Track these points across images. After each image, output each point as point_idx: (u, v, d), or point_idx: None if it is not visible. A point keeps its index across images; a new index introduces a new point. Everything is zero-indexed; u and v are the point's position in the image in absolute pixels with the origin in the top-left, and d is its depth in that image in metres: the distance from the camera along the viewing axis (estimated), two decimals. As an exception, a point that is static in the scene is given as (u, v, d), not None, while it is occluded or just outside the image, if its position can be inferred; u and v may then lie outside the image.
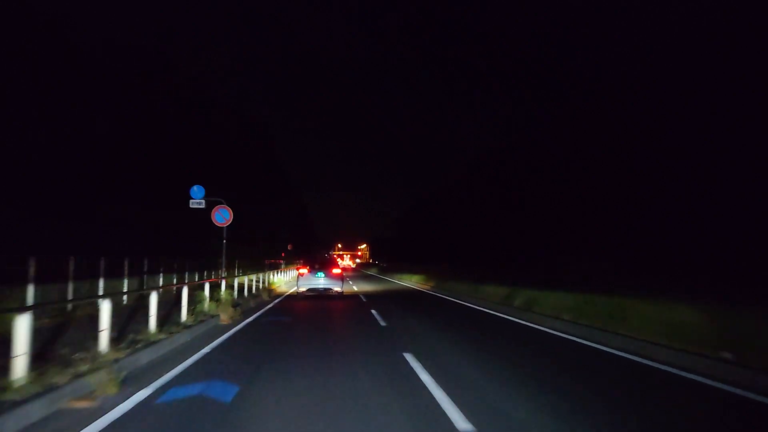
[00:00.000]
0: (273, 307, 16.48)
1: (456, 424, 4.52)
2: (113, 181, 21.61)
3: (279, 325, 11.89)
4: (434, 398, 5.39)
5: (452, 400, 5.28)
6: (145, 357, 7.31)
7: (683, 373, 6.79)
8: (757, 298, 10.31)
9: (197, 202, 15.74)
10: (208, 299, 12.51)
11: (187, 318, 10.54)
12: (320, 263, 22.32)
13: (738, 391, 5.88)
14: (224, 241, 16.24)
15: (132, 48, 25.24)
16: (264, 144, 52.59)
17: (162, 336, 8.58)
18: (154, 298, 9.04)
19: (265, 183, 49.36)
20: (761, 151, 20.26)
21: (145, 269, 16.15)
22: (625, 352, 8.25)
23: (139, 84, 25.17)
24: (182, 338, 9.15)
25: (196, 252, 24.34)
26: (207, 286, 13.06)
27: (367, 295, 22.70)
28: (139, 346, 7.64)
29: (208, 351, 8.27)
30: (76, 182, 18.85)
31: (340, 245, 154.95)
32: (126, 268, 14.41)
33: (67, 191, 17.97)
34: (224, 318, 11.90)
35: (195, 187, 15.81)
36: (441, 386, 5.83)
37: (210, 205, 15.96)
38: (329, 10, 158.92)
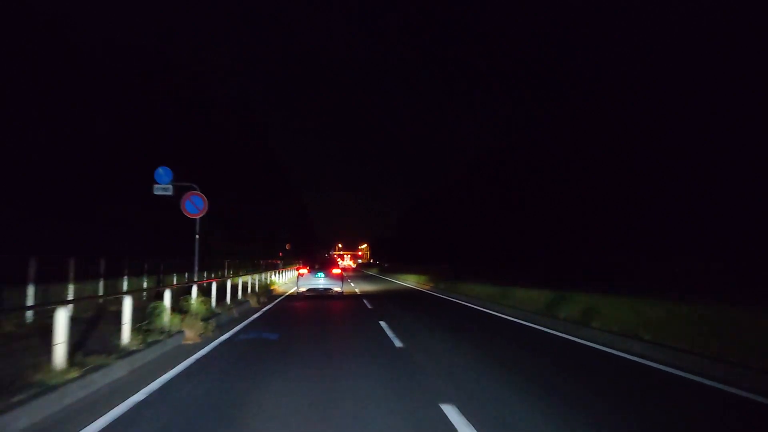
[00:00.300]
0: (260, 316, 13.95)
1: None
2: (113, 181, 21.60)
3: (260, 348, 9.05)
4: None
5: None
6: (20, 421, 4.43)
7: None
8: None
9: (163, 187, 12.96)
10: (169, 310, 9.59)
11: (132, 339, 7.78)
12: (320, 263, 22.46)
13: None
14: (197, 236, 13.48)
15: (132, 48, 25.21)
16: (264, 144, 52.57)
17: (72, 375, 5.63)
18: (61, 316, 5.85)
19: (265, 183, 49.33)
20: (761, 151, 20.24)
21: (102, 271, 13.53)
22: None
23: (139, 84, 25.14)
24: (109, 375, 6.23)
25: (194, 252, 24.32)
26: (168, 294, 9.93)
27: (371, 299, 21.35)
28: (18, 399, 4.63)
29: (141, 400, 5.51)
30: (75, 182, 18.84)
31: (340, 245, 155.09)
32: (72, 271, 11.72)
33: (65, 191, 17.96)
34: (190, 335, 9.41)
35: (160, 169, 12.99)
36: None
37: (180, 192, 13.28)
38: (329, 10, 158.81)
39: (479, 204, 49.81)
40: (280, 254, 51.66)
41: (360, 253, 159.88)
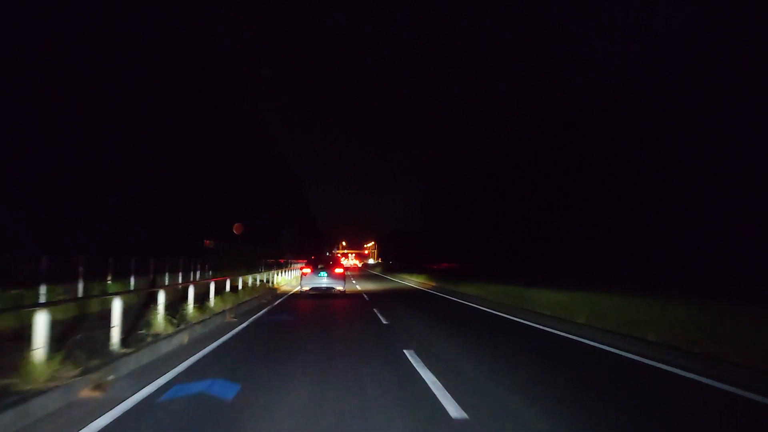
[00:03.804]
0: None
1: None
2: (116, 182, 21.78)
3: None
4: None
5: None
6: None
7: None
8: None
9: None
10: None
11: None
12: (323, 263, 22.88)
13: None
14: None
15: (133, 48, 25.29)
16: (267, 143, 52.70)
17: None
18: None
19: (268, 184, 49.47)
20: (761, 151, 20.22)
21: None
22: None
23: (144, 86, 25.26)
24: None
25: (194, 252, 24.47)
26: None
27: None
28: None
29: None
30: (76, 181, 19.01)
31: (344, 243, 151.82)
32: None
33: (66, 191, 18.13)
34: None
35: None
36: None
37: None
38: (334, 4, 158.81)
39: (485, 205, 49.91)
40: (206, 243, 29.05)
41: (366, 251, 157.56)
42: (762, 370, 6.86)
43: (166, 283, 17.73)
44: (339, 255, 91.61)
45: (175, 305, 11.08)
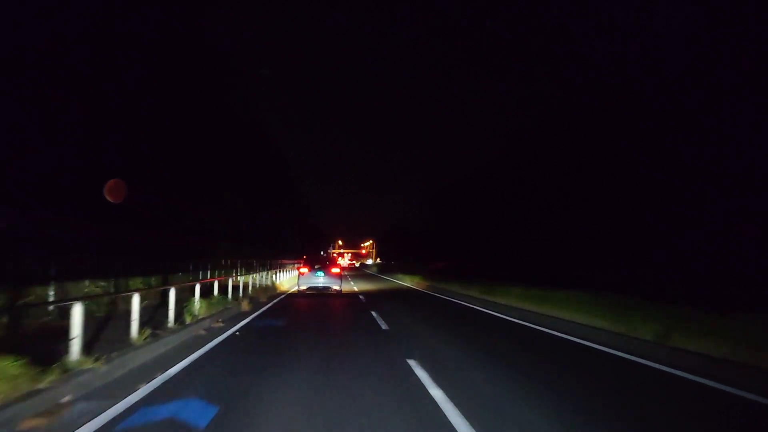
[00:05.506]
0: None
1: None
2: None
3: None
4: None
5: None
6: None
7: None
8: None
9: None
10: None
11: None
12: (320, 263, 23.67)
13: None
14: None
15: (135, 47, 25.27)
16: (267, 143, 52.66)
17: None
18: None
19: (267, 182, 49.44)
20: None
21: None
22: None
23: (144, 85, 25.25)
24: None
25: (192, 252, 24.50)
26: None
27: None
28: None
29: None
30: (76, 181, 18.97)
31: (340, 242, 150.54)
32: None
33: (66, 190, 18.10)
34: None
35: None
36: None
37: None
38: (329, 11, 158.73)
39: (485, 205, 49.88)
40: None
41: (364, 251, 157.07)
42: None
43: None
44: (334, 254, 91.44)
45: None
